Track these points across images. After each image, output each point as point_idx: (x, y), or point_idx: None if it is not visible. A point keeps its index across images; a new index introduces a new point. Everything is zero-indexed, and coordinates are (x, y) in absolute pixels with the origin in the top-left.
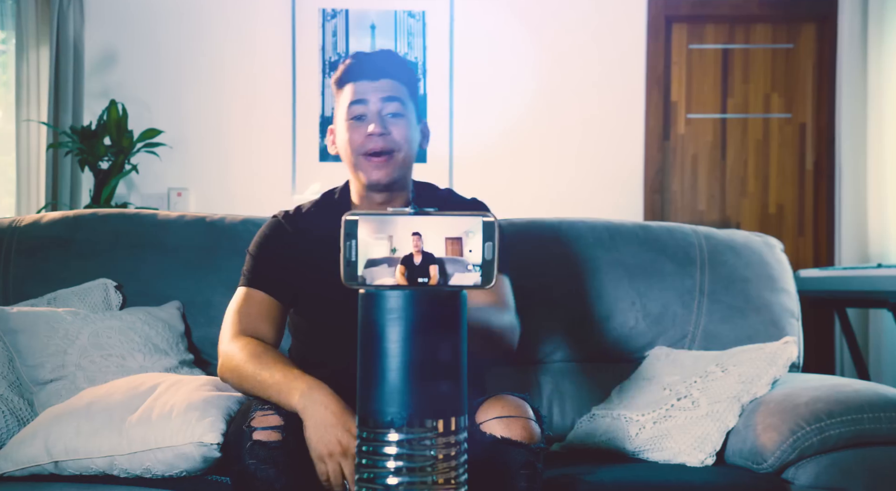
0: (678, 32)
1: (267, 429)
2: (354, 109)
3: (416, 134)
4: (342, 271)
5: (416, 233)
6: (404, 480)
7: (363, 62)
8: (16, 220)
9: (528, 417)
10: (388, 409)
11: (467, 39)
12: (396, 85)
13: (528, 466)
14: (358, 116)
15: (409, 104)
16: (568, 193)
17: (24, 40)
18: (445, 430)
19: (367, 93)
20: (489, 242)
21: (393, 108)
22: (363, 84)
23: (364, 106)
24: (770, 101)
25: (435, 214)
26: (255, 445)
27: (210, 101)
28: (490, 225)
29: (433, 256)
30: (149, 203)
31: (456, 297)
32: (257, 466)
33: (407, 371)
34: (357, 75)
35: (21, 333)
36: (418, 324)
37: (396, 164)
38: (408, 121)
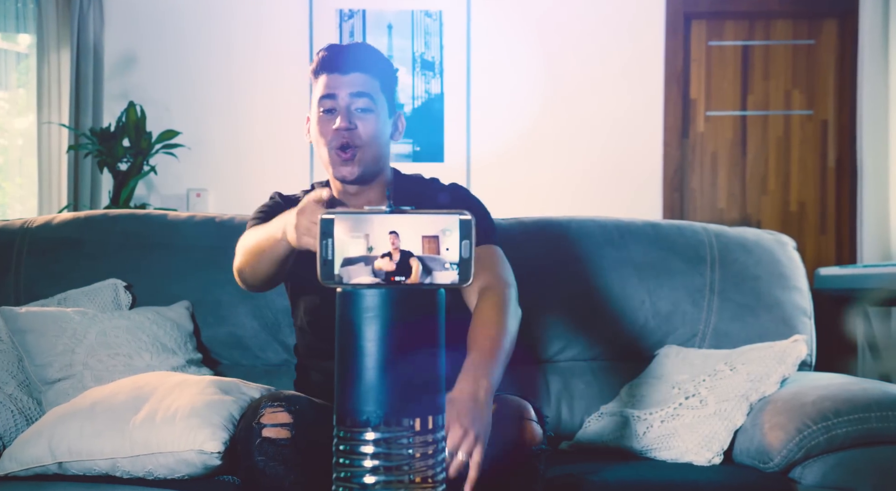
0: (697, 29)
1: (276, 426)
2: (325, 103)
3: (385, 128)
4: (319, 270)
5: (394, 232)
6: (381, 478)
7: (336, 55)
8: (27, 222)
9: (529, 418)
10: (365, 408)
11: (484, 38)
12: (367, 79)
13: (528, 468)
14: (328, 110)
15: (379, 98)
16: (586, 192)
17: (45, 43)
18: (423, 429)
19: (337, 87)
20: (466, 241)
21: (362, 104)
22: (334, 77)
23: (333, 101)
24: (791, 97)
25: (411, 213)
26: (264, 442)
27: (228, 102)
28: (467, 223)
29: (412, 254)
30: (168, 204)
31: (433, 295)
32: (266, 463)
33: (383, 370)
34: (329, 68)
35: (30, 332)
36: (395, 323)
37: (363, 161)
38: (377, 115)
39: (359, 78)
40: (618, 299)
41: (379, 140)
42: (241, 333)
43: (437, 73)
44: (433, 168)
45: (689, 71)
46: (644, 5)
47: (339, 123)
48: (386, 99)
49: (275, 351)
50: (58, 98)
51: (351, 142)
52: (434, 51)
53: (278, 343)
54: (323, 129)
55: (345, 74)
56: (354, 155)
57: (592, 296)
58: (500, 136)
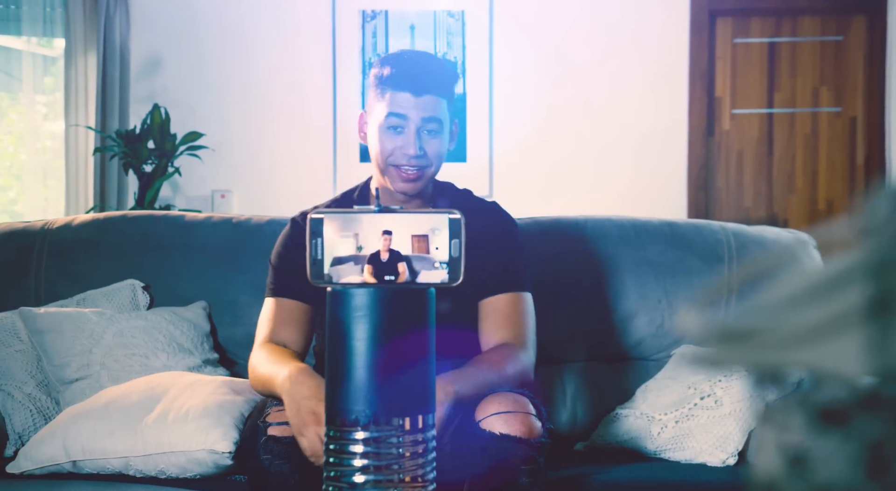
0: (722, 26)
1: (282, 424)
2: (392, 120)
3: (448, 144)
4: (308, 270)
5: (388, 231)
6: (371, 478)
7: (407, 73)
8: (48, 223)
9: (528, 412)
10: (354, 407)
11: (507, 38)
12: (438, 102)
13: (528, 462)
14: (395, 127)
15: (445, 116)
16: (610, 191)
17: (72, 47)
18: (412, 428)
19: (408, 108)
20: (455, 240)
21: (431, 127)
22: (405, 97)
23: (402, 120)
24: (819, 94)
25: (400, 212)
26: (269, 440)
27: (252, 104)
28: (456, 222)
29: (400, 254)
30: (193, 205)
31: (423, 294)
32: (272, 462)
33: (373, 369)
34: (401, 85)
35: (48, 333)
36: (384, 322)
37: (426, 178)
38: (443, 135)
39: (431, 101)
40: (634, 299)
41: (442, 157)
42: None
43: (459, 74)
44: (456, 168)
45: (714, 69)
46: (668, 3)
47: (410, 151)
48: (449, 114)
49: None
50: (85, 100)
51: (419, 163)
52: (456, 51)
53: None
54: (386, 145)
55: (418, 96)
56: (421, 176)
57: (608, 295)
58: (522, 136)
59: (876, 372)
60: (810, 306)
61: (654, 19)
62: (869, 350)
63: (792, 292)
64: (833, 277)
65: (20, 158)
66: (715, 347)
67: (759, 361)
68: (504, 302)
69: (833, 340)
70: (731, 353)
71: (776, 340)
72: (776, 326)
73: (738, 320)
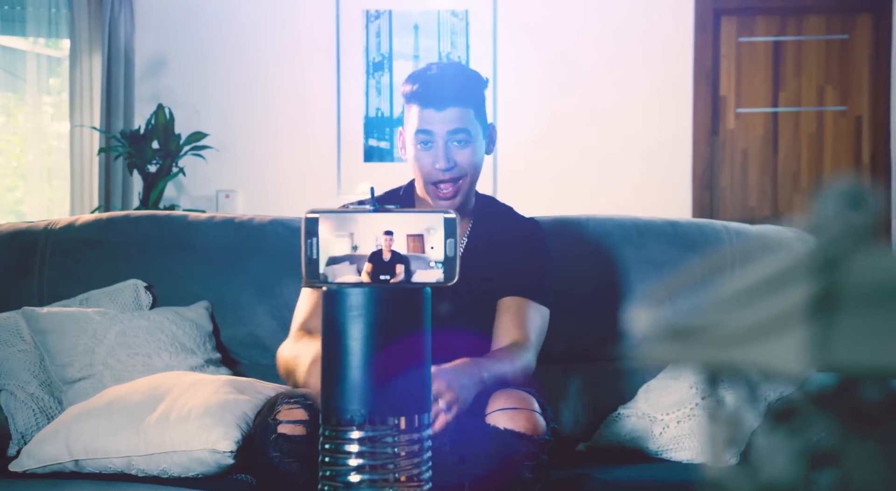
0: (727, 25)
1: (292, 422)
2: (420, 136)
3: (482, 151)
4: (304, 269)
5: (389, 232)
6: (366, 477)
7: (429, 88)
8: (51, 223)
9: (534, 409)
10: (350, 406)
11: (510, 37)
12: (463, 112)
13: (532, 458)
14: (424, 142)
15: (475, 125)
16: (614, 191)
17: (77, 47)
18: (408, 427)
19: (433, 123)
20: (451, 239)
21: (459, 138)
22: (429, 113)
23: (429, 135)
24: (824, 93)
25: (396, 211)
26: (279, 438)
27: (256, 104)
28: (451, 222)
29: (401, 256)
30: (198, 205)
31: (418, 294)
32: (281, 460)
33: (368, 369)
34: (423, 101)
35: (51, 333)
36: (380, 321)
37: (463, 189)
38: (474, 144)
39: (455, 113)
40: (636, 299)
41: (478, 166)
42: (260, 332)
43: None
44: None
45: (718, 68)
46: (673, 2)
47: (440, 164)
48: (480, 123)
49: None
50: (90, 101)
51: (452, 175)
52: (460, 50)
53: None
54: (421, 163)
55: (440, 111)
56: (457, 191)
57: (610, 295)
58: (526, 135)
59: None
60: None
61: (658, 18)
62: (811, 347)
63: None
64: (779, 275)
65: (26, 159)
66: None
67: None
68: (519, 304)
69: (777, 338)
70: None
71: (721, 338)
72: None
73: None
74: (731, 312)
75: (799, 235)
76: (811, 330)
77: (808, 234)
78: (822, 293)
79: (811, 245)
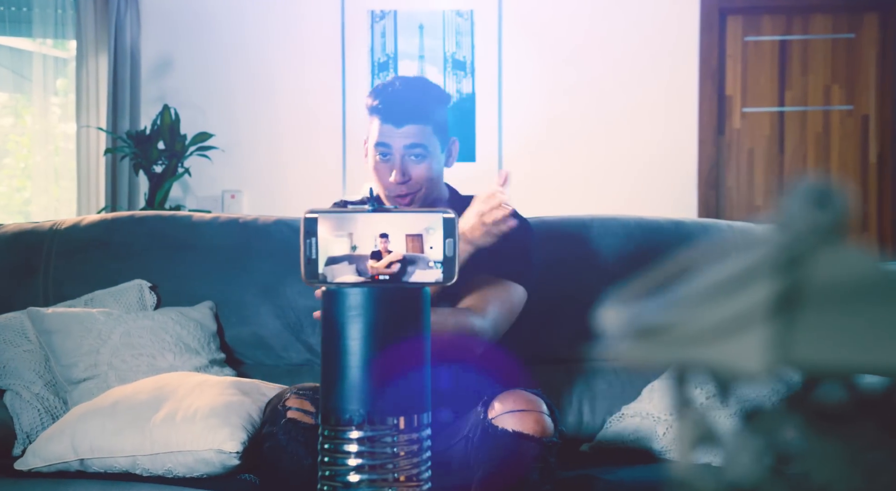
0: (733, 24)
1: (300, 410)
2: (380, 148)
3: (439, 165)
4: (302, 269)
5: (384, 235)
6: (365, 477)
7: (389, 105)
8: (56, 224)
9: (542, 411)
10: (349, 406)
11: (515, 37)
12: (421, 129)
13: (540, 460)
14: (383, 154)
15: (432, 141)
16: (620, 191)
17: (84, 49)
18: (407, 427)
19: (391, 137)
20: (449, 239)
21: (416, 152)
22: (388, 128)
23: (388, 148)
24: (830, 92)
25: (394, 211)
26: (288, 422)
27: (262, 104)
28: (450, 221)
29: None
30: (203, 205)
31: (417, 294)
32: (288, 442)
33: (367, 369)
34: (383, 116)
35: (56, 333)
36: (379, 321)
37: (418, 200)
38: (430, 158)
39: (412, 130)
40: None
41: (433, 180)
42: (264, 333)
43: (468, 73)
44: (465, 168)
45: (724, 67)
46: (678, 1)
47: (394, 177)
48: (438, 138)
49: (297, 351)
50: (96, 102)
51: (407, 189)
52: (465, 50)
53: (301, 343)
54: (380, 174)
55: (398, 127)
56: (412, 201)
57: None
58: (531, 136)
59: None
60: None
61: (663, 18)
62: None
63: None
64: (744, 273)
65: (34, 159)
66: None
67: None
68: (485, 279)
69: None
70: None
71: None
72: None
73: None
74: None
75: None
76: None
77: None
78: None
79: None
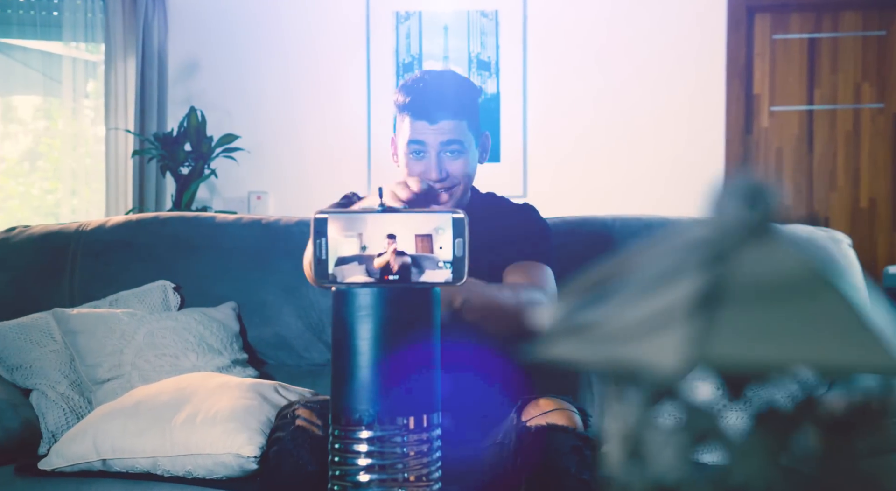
0: (761, 22)
1: (308, 420)
2: (413, 146)
3: (475, 161)
4: (313, 269)
5: (392, 236)
6: (375, 477)
7: (421, 100)
8: (82, 225)
9: (572, 410)
10: (359, 406)
11: (540, 36)
12: (455, 124)
13: (575, 451)
14: (417, 152)
15: (468, 136)
16: (646, 191)
17: (112, 52)
18: (417, 427)
19: (425, 134)
20: (459, 239)
21: (452, 148)
22: (421, 125)
23: (422, 146)
24: (861, 91)
25: (404, 211)
26: (297, 429)
27: (287, 106)
28: (460, 222)
29: (405, 255)
30: (229, 207)
31: (427, 294)
32: (294, 447)
33: (377, 369)
34: (415, 113)
35: (81, 333)
36: (389, 321)
37: (456, 197)
38: (467, 154)
39: (448, 125)
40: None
41: (470, 176)
42: (286, 333)
43: (492, 73)
44: (490, 168)
45: (752, 66)
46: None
47: (433, 176)
48: (473, 133)
49: (319, 351)
50: (124, 104)
51: (444, 186)
52: (490, 51)
53: (322, 343)
54: (412, 170)
55: (433, 123)
56: (450, 197)
57: None
58: (556, 135)
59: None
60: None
61: (690, 16)
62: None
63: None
64: (671, 269)
65: (65, 162)
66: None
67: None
68: (526, 266)
69: (658, 334)
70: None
71: (607, 335)
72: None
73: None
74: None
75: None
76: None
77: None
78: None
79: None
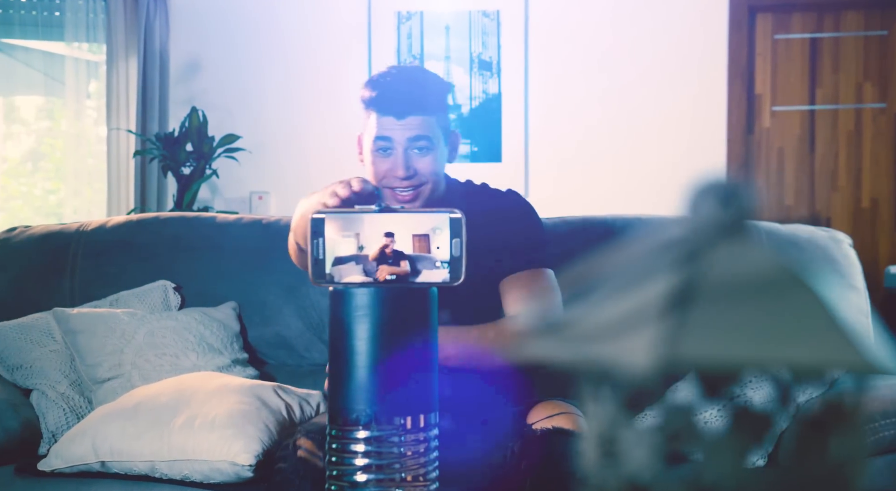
0: (762, 22)
1: (308, 451)
2: (380, 143)
3: (443, 158)
4: (310, 269)
5: (390, 234)
6: (373, 477)
7: (388, 96)
8: (83, 225)
9: (576, 413)
10: (356, 406)
11: (542, 36)
12: (424, 120)
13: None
14: (384, 149)
15: (436, 132)
16: (648, 191)
17: (114, 52)
18: (414, 427)
19: (392, 130)
20: (457, 239)
21: (420, 145)
22: (388, 120)
23: (388, 142)
24: (862, 90)
25: (401, 211)
26: (299, 461)
27: (289, 106)
28: (457, 221)
29: (403, 255)
30: (231, 207)
31: (424, 294)
32: (296, 477)
33: (374, 369)
34: (381, 108)
35: (81, 333)
36: (386, 321)
37: (423, 195)
38: (435, 151)
39: (415, 121)
40: None
41: (438, 173)
42: (287, 333)
43: (494, 73)
44: (491, 168)
45: (753, 65)
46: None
47: (399, 173)
48: (441, 130)
49: (320, 351)
50: (126, 104)
51: (411, 184)
52: (491, 51)
53: (323, 343)
54: (378, 168)
55: (400, 119)
56: (417, 195)
57: None
58: (558, 136)
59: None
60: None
61: (692, 16)
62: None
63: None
64: (645, 269)
65: (67, 162)
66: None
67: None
68: (525, 278)
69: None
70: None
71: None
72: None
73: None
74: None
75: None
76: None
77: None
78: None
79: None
